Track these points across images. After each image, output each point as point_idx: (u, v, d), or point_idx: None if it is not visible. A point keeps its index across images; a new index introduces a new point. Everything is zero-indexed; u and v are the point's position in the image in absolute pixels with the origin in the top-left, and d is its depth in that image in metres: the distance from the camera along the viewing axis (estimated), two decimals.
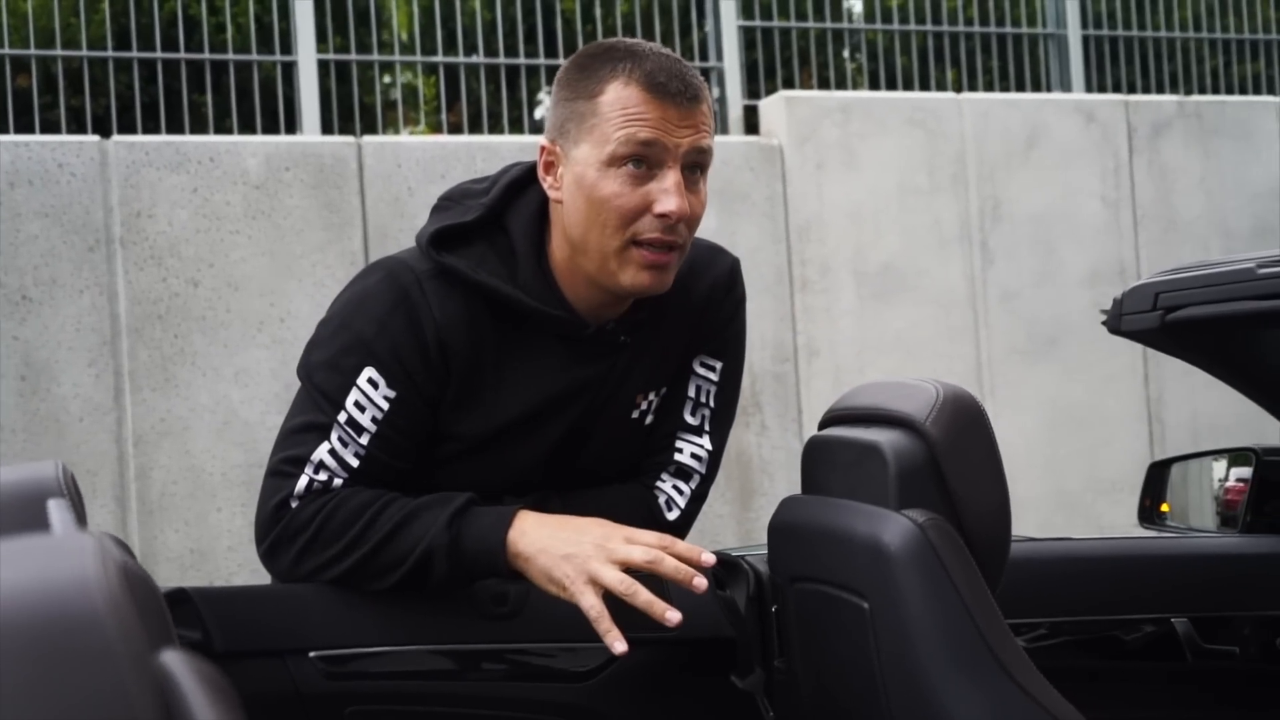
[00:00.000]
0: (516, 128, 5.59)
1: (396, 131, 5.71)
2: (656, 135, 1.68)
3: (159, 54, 5.00)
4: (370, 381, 1.71)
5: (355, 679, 1.71)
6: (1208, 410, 5.64)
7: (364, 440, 1.71)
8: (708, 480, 1.89)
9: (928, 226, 5.49)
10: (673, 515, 1.85)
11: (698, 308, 1.87)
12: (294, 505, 1.71)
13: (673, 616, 1.59)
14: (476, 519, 1.69)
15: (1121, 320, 1.91)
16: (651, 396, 1.87)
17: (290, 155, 4.69)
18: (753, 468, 5.10)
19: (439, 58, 5.44)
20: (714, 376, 1.91)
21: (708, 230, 1.99)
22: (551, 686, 1.77)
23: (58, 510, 0.95)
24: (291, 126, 5.10)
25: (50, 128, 4.94)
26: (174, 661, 0.64)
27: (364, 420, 1.71)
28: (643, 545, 1.64)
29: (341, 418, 1.71)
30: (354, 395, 1.71)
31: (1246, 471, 2.29)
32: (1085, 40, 6.20)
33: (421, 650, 1.73)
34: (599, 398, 1.81)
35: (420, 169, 4.81)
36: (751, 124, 5.56)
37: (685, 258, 1.88)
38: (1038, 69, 6.20)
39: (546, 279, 1.77)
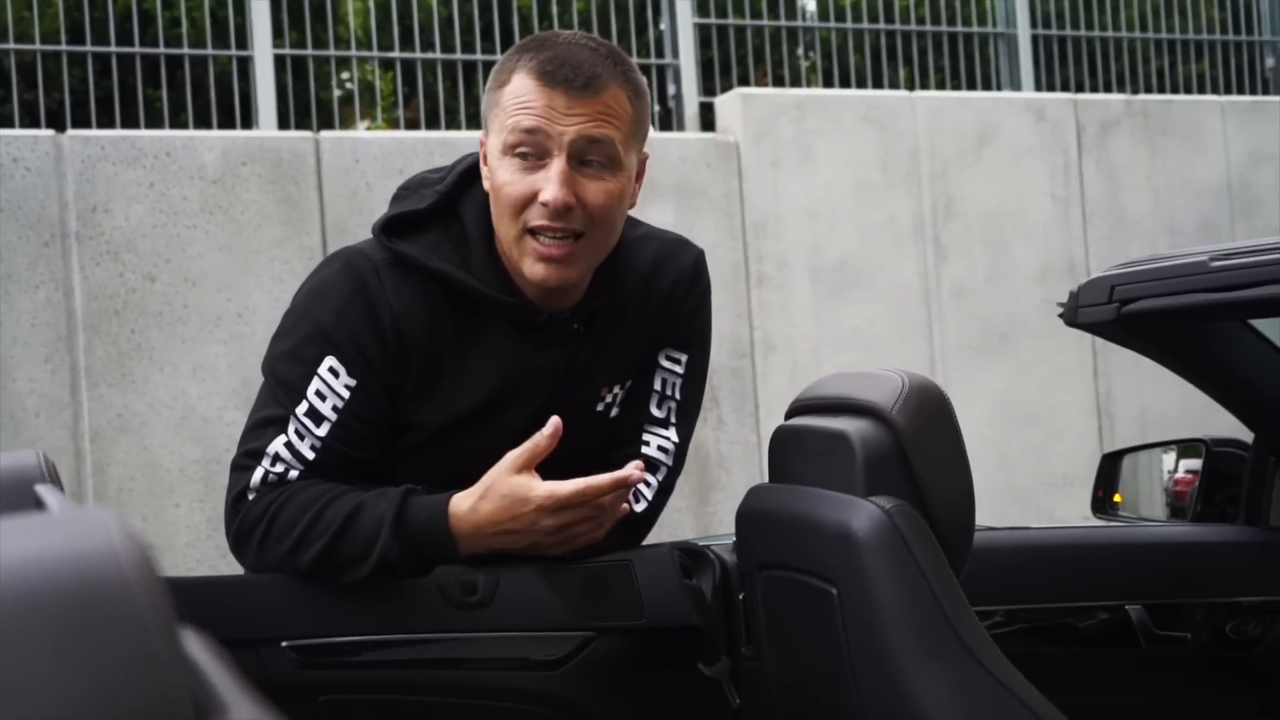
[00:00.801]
0: (474, 124, 5.58)
1: (354, 127, 5.69)
2: (539, 123, 1.70)
3: (114, 48, 4.95)
4: (331, 370, 1.73)
5: (328, 668, 1.72)
6: (1156, 405, 5.72)
7: (322, 431, 1.72)
8: (674, 472, 1.91)
9: (882, 223, 5.54)
10: (640, 507, 1.86)
11: (662, 301, 1.89)
12: (250, 498, 1.73)
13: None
14: (417, 513, 1.72)
15: (1078, 313, 1.95)
16: (616, 389, 1.88)
17: (247, 150, 4.67)
18: (710, 462, 5.13)
19: (396, 53, 5.43)
20: (679, 369, 1.92)
21: (665, 226, 2.01)
22: (522, 675, 1.79)
23: (50, 494, 0.96)
24: (248, 121, 5.07)
25: (3, 122, 4.89)
26: (188, 638, 0.65)
27: (325, 409, 1.72)
28: (572, 539, 1.75)
29: (300, 409, 1.73)
30: (315, 384, 1.73)
31: (1196, 463, 2.34)
32: (1035, 40, 6.28)
33: (393, 640, 1.75)
34: (562, 389, 1.83)
35: (378, 164, 4.80)
36: (708, 121, 5.58)
37: (653, 250, 1.90)
38: (988, 68, 6.26)
39: (498, 265, 1.78)
